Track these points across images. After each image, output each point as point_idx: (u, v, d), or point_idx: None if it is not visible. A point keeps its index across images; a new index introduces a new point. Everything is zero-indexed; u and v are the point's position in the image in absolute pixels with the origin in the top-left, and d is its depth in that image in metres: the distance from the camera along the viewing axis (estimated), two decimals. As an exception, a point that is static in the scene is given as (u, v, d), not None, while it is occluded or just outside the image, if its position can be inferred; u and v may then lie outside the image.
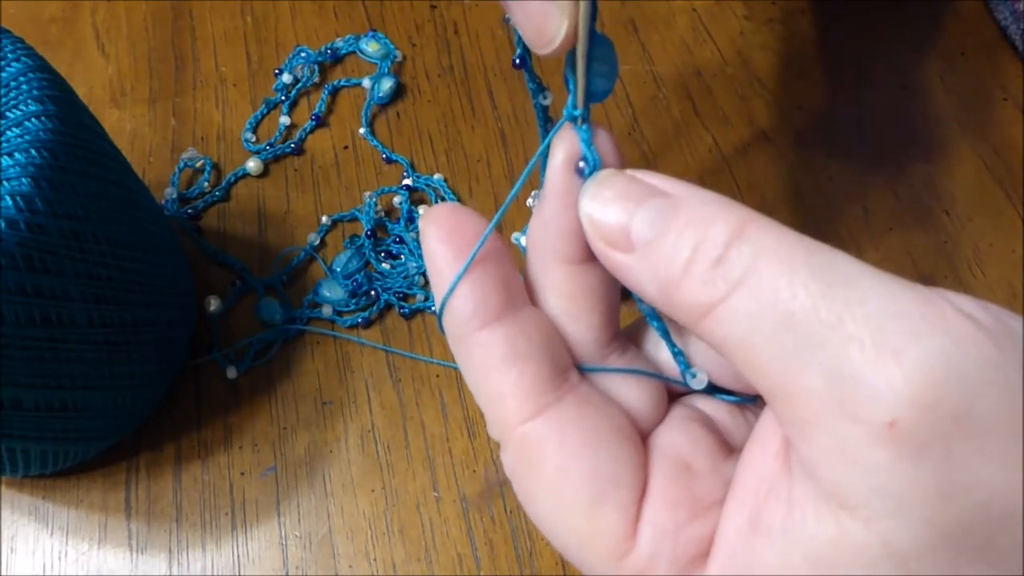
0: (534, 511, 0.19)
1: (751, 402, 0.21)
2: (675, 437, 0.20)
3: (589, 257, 0.20)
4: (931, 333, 0.15)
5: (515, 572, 0.35)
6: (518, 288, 0.20)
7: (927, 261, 0.41)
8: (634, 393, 0.21)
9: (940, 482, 0.15)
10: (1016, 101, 0.45)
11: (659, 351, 0.22)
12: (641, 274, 0.18)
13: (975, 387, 0.14)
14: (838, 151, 0.44)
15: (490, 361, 0.19)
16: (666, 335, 0.21)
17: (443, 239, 0.19)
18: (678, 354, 0.21)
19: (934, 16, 0.48)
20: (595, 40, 0.19)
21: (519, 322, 0.19)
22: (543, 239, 0.20)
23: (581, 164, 0.19)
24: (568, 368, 0.20)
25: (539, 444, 0.19)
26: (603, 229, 0.18)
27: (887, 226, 0.42)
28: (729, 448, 0.20)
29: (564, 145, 0.20)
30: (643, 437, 0.20)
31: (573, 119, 0.19)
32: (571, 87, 0.19)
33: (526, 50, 0.20)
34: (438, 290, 0.19)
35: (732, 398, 0.21)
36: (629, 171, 0.19)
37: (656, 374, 0.21)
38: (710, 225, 0.17)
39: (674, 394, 0.22)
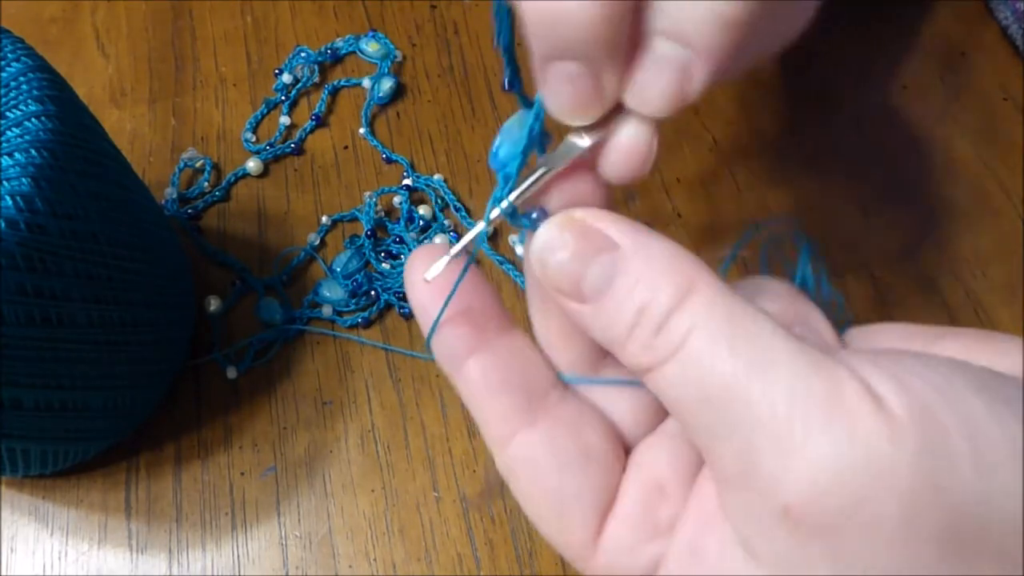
0: (523, 507, 0.21)
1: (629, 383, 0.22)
2: (654, 455, 0.21)
3: None
4: (835, 425, 0.16)
5: (515, 572, 0.35)
6: (494, 317, 0.21)
7: (927, 261, 0.41)
8: (622, 403, 0.22)
9: (831, 560, 0.16)
10: (1016, 101, 0.45)
11: None
12: (591, 324, 0.19)
13: (863, 485, 0.15)
14: (838, 151, 0.44)
15: (485, 384, 0.21)
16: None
17: (424, 275, 0.21)
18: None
19: (934, 16, 0.48)
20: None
21: (492, 355, 0.21)
22: (530, 272, 0.21)
23: (533, 215, 0.20)
24: (548, 390, 0.21)
25: (514, 464, 0.21)
26: (555, 283, 0.19)
27: (887, 226, 0.42)
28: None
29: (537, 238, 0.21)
30: (630, 446, 0.22)
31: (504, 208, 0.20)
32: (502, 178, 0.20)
33: (516, 72, 0.20)
34: (425, 325, 0.21)
35: None
36: (579, 214, 0.19)
37: (633, 381, 0.21)
38: (657, 289, 0.18)
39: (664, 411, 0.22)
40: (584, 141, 0.20)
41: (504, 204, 0.20)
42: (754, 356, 0.17)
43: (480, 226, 0.21)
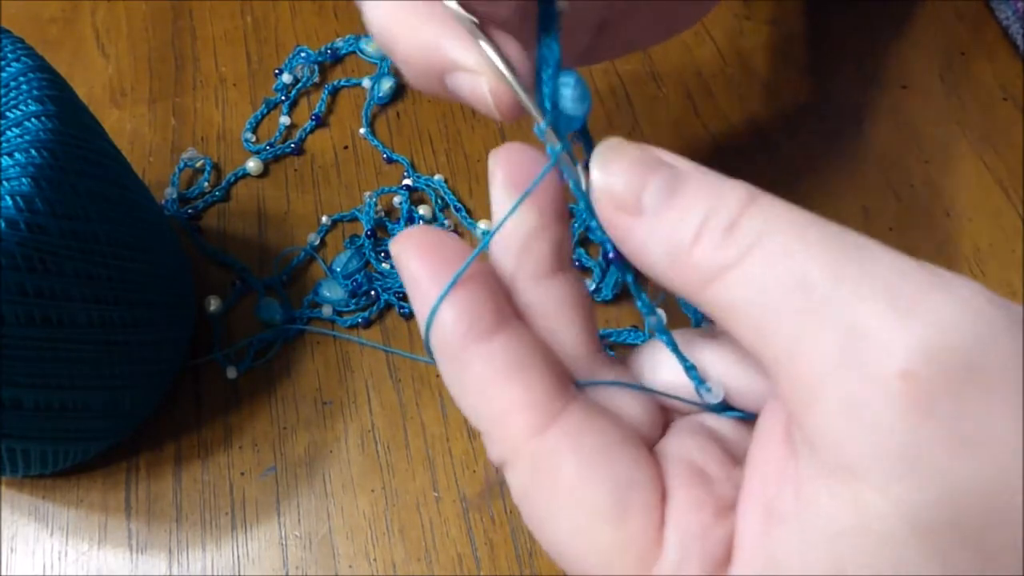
0: (551, 532, 0.18)
1: (754, 418, 0.21)
2: (683, 446, 0.19)
3: (556, 268, 0.20)
4: (939, 292, 0.15)
5: (515, 572, 0.35)
6: (508, 304, 0.19)
7: (927, 261, 0.41)
8: (632, 408, 0.20)
9: (952, 437, 0.14)
10: (1016, 101, 0.45)
11: (655, 375, 0.21)
12: (648, 238, 0.18)
13: (985, 341, 0.15)
14: (838, 151, 0.44)
15: (492, 374, 0.18)
16: (676, 348, 0.20)
17: (421, 258, 0.19)
18: (690, 368, 0.20)
19: (934, 16, 0.48)
20: (549, 75, 0.20)
21: (516, 333, 0.19)
22: (506, 260, 0.20)
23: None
24: (568, 378, 0.19)
25: (554, 455, 0.18)
26: (613, 192, 0.18)
27: (887, 226, 0.42)
28: (736, 459, 0.20)
29: (499, 161, 0.20)
30: (648, 448, 0.20)
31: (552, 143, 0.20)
32: (543, 106, 0.20)
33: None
34: (421, 308, 0.19)
35: (739, 414, 0.21)
36: (639, 143, 0.19)
37: (656, 391, 0.21)
38: (721, 194, 0.17)
39: (669, 415, 0.21)
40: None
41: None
42: (845, 244, 0.16)
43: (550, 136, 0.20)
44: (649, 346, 0.22)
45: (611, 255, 0.20)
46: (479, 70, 0.20)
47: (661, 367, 0.21)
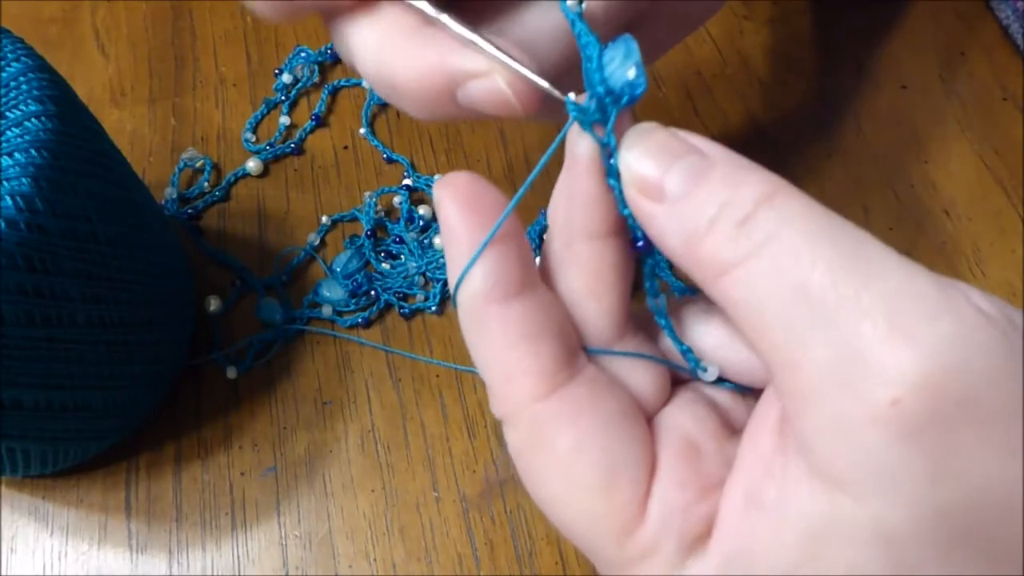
0: (542, 492, 0.19)
1: (750, 391, 0.21)
2: (681, 418, 0.20)
3: (613, 230, 0.20)
4: (945, 318, 0.15)
5: (515, 572, 0.35)
6: (534, 268, 0.20)
7: (927, 261, 0.40)
8: (640, 376, 0.21)
9: (936, 465, 0.15)
10: (1016, 101, 0.45)
11: (667, 337, 0.22)
12: (667, 224, 0.18)
13: (983, 376, 0.14)
14: (838, 151, 0.44)
15: (506, 337, 0.19)
16: (672, 333, 0.21)
17: (462, 208, 0.19)
18: (687, 351, 0.21)
19: (934, 16, 0.48)
20: (592, 51, 0.19)
21: (537, 300, 0.19)
22: (568, 214, 0.20)
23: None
24: (578, 350, 0.20)
25: (552, 423, 0.18)
26: (639, 177, 0.19)
27: (887, 226, 0.42)
28: (733, 429, 0.20)
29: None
30: (648, 419, 0.20)
31: (583, 115, 0.19)
32: (589, 82, 0.20)
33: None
34: (455, 261, 0.19)
35: (733, 386, 0.21)
36: (670, 128, 0.19)
37: (664, 360, 0.21)
38: (741, 186, 0.17)
39: (677, 379, 0.22)
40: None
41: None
42: (856, 251, 0.16)
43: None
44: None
45: (639, 243, 0.20)
46: (491, 70, 0.20)
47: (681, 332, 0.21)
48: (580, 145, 0.20)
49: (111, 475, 0.37)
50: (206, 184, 0.44)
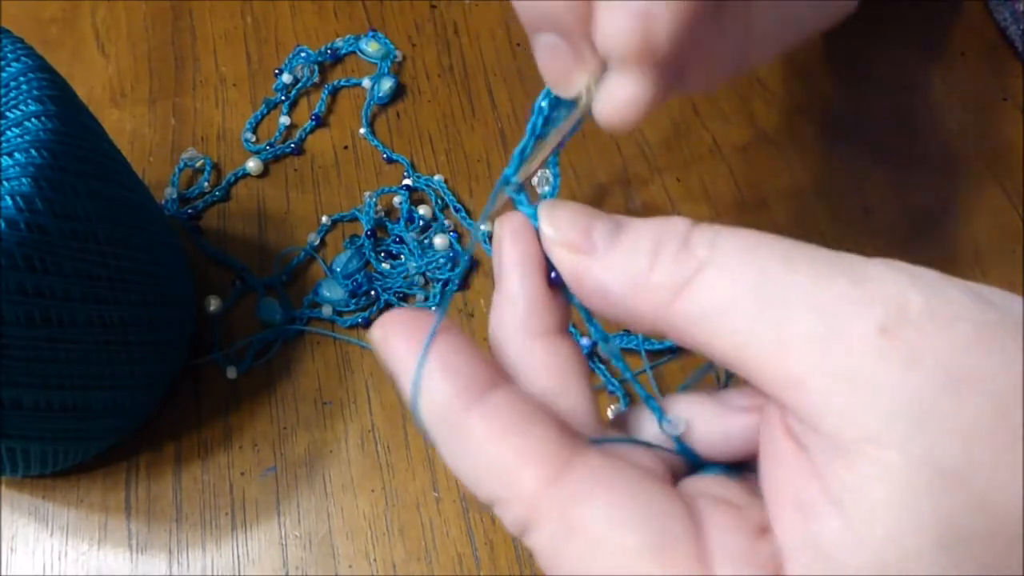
0: (591, 556, 0.17)
1: (726, 470, 0.20)
2: (703, 484, 0.19)
3: (557, 328, 0.20)
4: (888, 269, 0.16)
5: (515, 572, 0.35)
6: (496, 363, 0.19)
7: (927, 261, 0.41)
8: (646, 462, 0.19)
9: (948, 381, 0.15)
10: (1016, 101, 0.45)
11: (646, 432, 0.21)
12: (605, 272, 0.18)
13: (945, 296, 0.16)
14: (838, 151, 0.44)
15: (493, 433, 0.17)
16: (632, 376, 0.21)
17: (404, 336, 0.18)
18: (648, 399, 0.20)
19: (934, 16, 0.48)
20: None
21: (514, 388, 0.18)
22: (513, 320, 0.20)
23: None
24: (575, 430, 0.19)
25: (577, 499, 0.16)
26: (564, 238, 0.19)
27: (887, 226, 0.42)
28: (753, 493, 0.19)
29: (509, 220, 0.21)
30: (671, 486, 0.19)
31: (508, 184, 0.21)
32: (517, 156, 0.21)
33: None
34: (408, 384, 0.18)
35: (706, 464, 0.20)
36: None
37: (663, 447, 0.20)
38: (665, 223, 0.18)
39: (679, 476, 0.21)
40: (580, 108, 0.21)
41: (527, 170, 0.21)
42: (789, 243, 0.17)
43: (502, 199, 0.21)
44: (636, 409, 0.21)
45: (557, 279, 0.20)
46: None
47: (647, 432, 0.21)
48: (506, 251, 0.20)
49: (111, 475, 0.37)
50: (206, 184, 0.44)
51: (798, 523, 0.16)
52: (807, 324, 0.16)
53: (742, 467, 0.20)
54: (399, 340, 0.18)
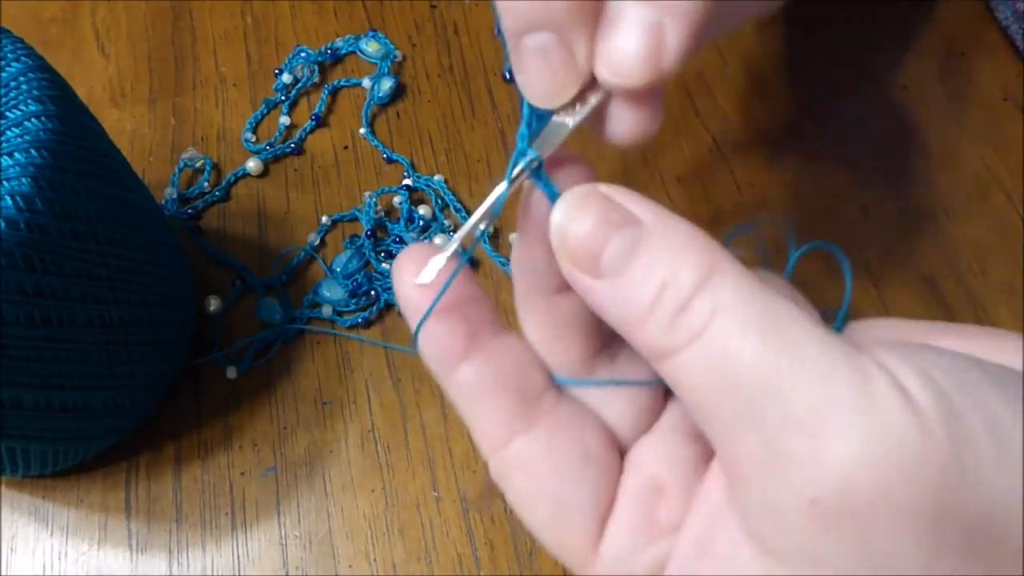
0: (518, 512, 0.21)
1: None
2: (653, 454, 0.21)
3: (566, 287, 0.20)
4: (861, 420, 0.16)
5: (515, 572, 0.35)
6: (487, 319, 0.21)
7: (927, 261, 0.41)
8: (616, 404, 0.21)
9: (858, 551, 0.16)
10: (1016, 101, 0.45)
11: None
12: (606, 302, 0.18)
13: (895, 477, 0.15)
14: (838, 151, 0.44)
15: (462, 395, 0.20)
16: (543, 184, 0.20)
17: (415, 281, 0.20)
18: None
19: (934, 16, 0.48)
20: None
21: (487, 356, 0.20)
22: (521, 272, 0.21)
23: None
24: (542, 393, 0.21)
25: (509, 469, 0.20)
26: (573, 253, 0.19)
27: (887, 226, 0.42)
28: (711, 456, 0.20)
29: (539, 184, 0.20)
30: (625, 447, 0.21)
31: (527, 160, 0.20)
32: (525, 130, 0.20)
33: None
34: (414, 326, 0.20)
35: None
36: (603, 188, 0.19)
37: (627, 381, 0.21)
38: (679, 268, 0.17)
39: (667, 398, 0.22)
40: (570, 121, 0.20)
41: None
42: (783, 343, 0.16)
43: (484, 209, 0.20)
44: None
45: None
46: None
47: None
48: (532, 209, 0.20)
49: (111, 475, 0.37)
50: (206, 184, 0.44)
51: (691, 556, 0.19)
52: (756, 451, 0.17)
53: None
54: (411, 282, 0.20)
